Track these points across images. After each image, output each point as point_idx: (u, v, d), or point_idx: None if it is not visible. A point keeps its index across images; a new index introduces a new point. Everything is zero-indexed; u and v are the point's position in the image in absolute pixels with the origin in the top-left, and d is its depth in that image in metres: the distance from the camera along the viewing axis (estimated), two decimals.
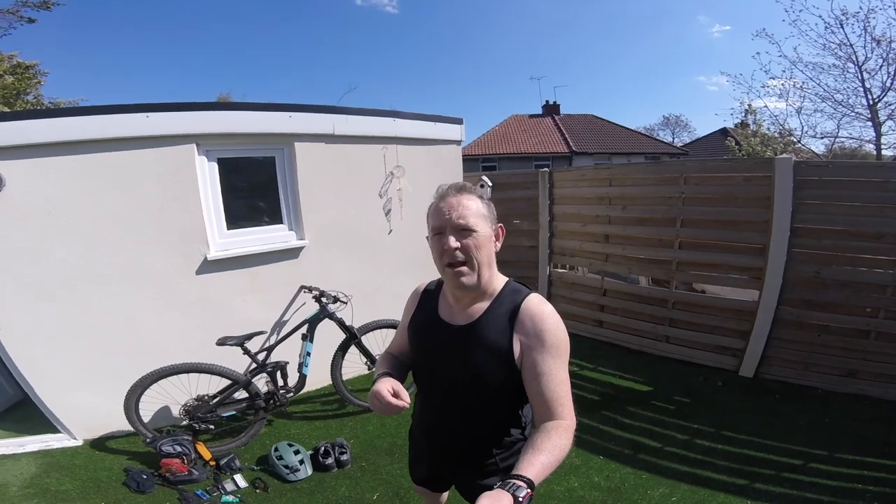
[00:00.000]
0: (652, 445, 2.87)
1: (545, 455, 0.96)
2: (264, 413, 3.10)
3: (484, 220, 1.15)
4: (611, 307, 4.60)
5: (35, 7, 10.16)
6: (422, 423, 1.40)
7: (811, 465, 2.61)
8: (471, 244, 1.12)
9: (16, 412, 3.53)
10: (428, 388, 1.33)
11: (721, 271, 3.91)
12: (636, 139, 23.41)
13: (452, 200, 1.14)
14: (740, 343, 3.77)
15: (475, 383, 1.16)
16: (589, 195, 4.66)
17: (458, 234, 1.12)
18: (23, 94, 11.59)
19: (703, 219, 3.92)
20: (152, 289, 3.16)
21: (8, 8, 9.95)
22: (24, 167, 2.73)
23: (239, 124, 3.32)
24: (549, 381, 1.07)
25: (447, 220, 1.12)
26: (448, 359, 1.21)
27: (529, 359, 1.10)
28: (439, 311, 1.27)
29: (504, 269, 1.24)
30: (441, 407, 1.29)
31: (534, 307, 1.14)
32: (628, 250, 4.38)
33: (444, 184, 1.21)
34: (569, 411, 1.08)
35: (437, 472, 1.44)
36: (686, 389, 3.58)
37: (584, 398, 3.55)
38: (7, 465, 2.87)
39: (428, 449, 1.40)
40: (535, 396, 1.09)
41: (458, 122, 4.44)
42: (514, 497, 0.85)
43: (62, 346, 2.95)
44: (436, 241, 1.16)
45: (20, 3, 9.99)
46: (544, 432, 1.02)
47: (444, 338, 1.22)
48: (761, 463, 2.64)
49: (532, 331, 1.11)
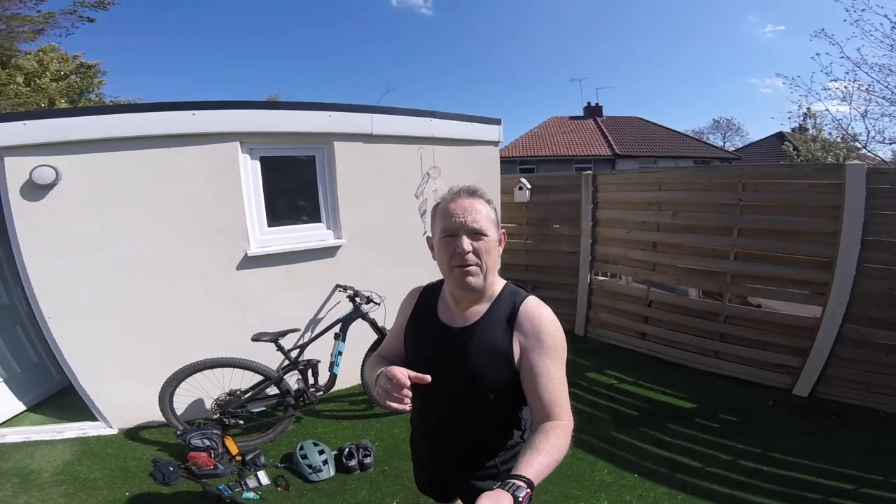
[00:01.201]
0: (691, 465, 2.71)
1: (544, 455, 0.96)
2: (293, 410, 3.11)
3: (493, 225, 1.16)
4: (655, 319, 4.35)
5: (92, 7, 10.81)
6: (421, 425, 1.39)
7: (863, 490, 2.42)
8: (482, 248, 1.12)
9: (60, 399, 3.73)
10: (427, 390, 1.26)
11: (780, 285, 3.64)
12: (684, 142, 22.37)
13: (466, 203, 1.14)
14: (796, 360, 3.51)
15: (475, 385, 1.17)
16: (636, 200, 4.42)
17: (471, 237, 1.12)
18: (86, 93, 12.41)
19: (762, 228, 3.65)
20: (194, 283, 3.24)
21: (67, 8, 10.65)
22: (78, 162, 2.87)
23: (280, 123, 3.36)
24: (547, 382, 1.08)
25: (461, 224, 1.12)
26: (448, 361, 1.20)
27: (528, 360, 1.11)
28: (438, 314, 1.26)
29: (541, 274, 1.16)
30: (441, 409, 1.28)
31: (532, 309, 1.16)
32: (678, 260, 4.13)
33: (454, 185, 1.20)
34: (566, 412, 1.08)
35: (438, 474, 1.42)
36: (732, 407, 3.37)
37: (620, 412, 3.39)
38: (44, 450, 3.00)
39: (428, 451, 1.40)
40: (533, 397, 1.10)
41: (496, 123, 4.34)
42: (513, 497, 0.84)
43: (107, 337, 3.07)
44: (446, 243, 1.14)
45: (78, 2, 10.66)
46: (543, 433, 1.02)
47: (443, 340, 1.22)
48: (809, 486, 2.47)
49: (531, 332, 1.13)
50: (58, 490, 2.59)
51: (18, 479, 2.69)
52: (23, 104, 9.87)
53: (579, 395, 3.64)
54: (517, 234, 5.19)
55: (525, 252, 5.20)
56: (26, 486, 2.62)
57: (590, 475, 2.64)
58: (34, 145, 2.77)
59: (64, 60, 11.86)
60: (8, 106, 9.54)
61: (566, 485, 2.55)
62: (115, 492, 2.57)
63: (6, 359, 3.52)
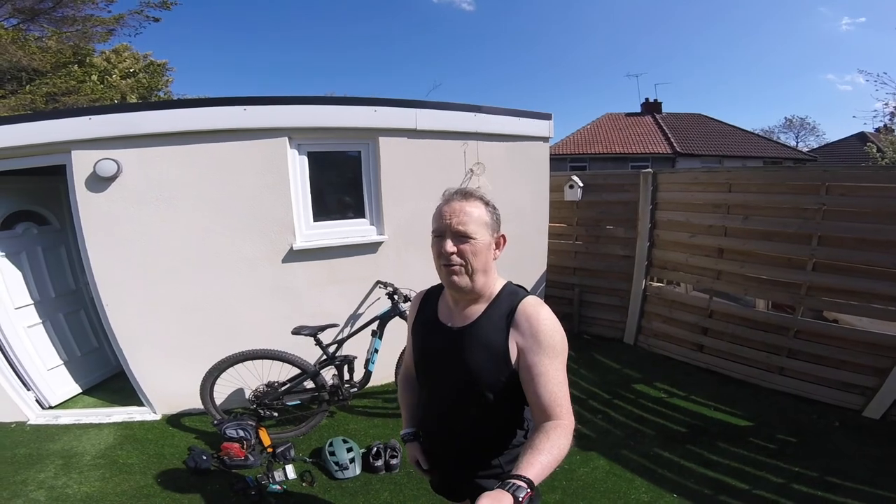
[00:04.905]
0: (739, 487, 2.50)
1: (545, 455, 0.96)
2: (327, 405, 3.12)
3: (485, 227, 1.16)
4: (715, 331, 4.00)
5: (156, 7, 11.51)
6: (425, 425, 1.41)
7: None
8: (467, 250, 1.14)
9: (114, 383, 3.95)
10: (429, 389, 1.35)
11: (862, 299, 3.28)
12: (753, 141, 20.73)
13: (455, 206, 1.16)
14: (873, 381, 3.16)
15: (473, 384, 1.18)
16: (701, 201, 4.07)
17: (456, 239, 1.14)
18: (155, 91, 13.29)
19: (847, 237, 3.27)
20: (240, 275, 3.31)
21: (134, 9, 11.45)
22: (137, 156, 3.00)
23: (327, 118, 3.37)
24: (546, 383, 1.08)
25: (447, 225, 1.15)
26: (446, 360, 1.23)
27: (526, 360, 1.11)
28: (439, 314, 1.30)
29: (591, 278, 1.03)
30: (441, 408, 1.31)
31: (529, 308, 1.15)
32: (747, 268, 3.76)
33: (450, 187, 1.25)
34: (567, 412, 1.07)
35: (444, 474, 1.43)
36: (793, 428, 3.08)
37: (667, 428, 3.15)
38: (91, 433, 3.16)
39: (432, 450, 1.42)
40: (533, 397, 1.10)
41: (546, 118, 4.13)
42: (514, 497, 0.85)
43: (156, 324, 3.20)
44: (435, 243, 1.19)
45: (144, 3, 11.40)
46: (543, 432, 1.02)
47: (442, 339, 1.25)
48: None
49: (528, 332, 1.12)
50: (95, 473, 2.71)
51: (62, 460, 2.84)
52: (98, 100, 10.69)
53: (622, 408, 3.42)
54: (566, 235, 4.96)
55: (574, 254, 4.94)
56: (67, 469, 2.76)
57: (625, 493, 2.47)
58: (98, 139, 2.92)
59: (135, 59, 12.74)
60: (85, 101, 10.39)
61: (599, 502, 2.40)
62: (147, 477, 2.67)
63: (68, 342, 3.78)
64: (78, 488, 2.57)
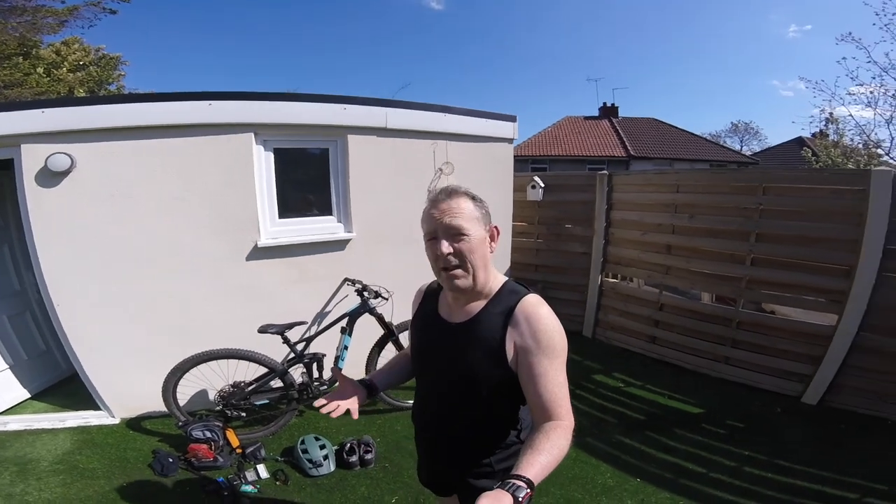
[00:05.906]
0: (696, 471, 2.70)
1: (544, 455, 0.96)
2: (296, 404, 3.10)
3: (477, 222, 1.15)
4: (666, 323, 4.27)
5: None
6: (419, 418, 1.41)
7: (867, 499, 2.42)
8: (464, 248, 1.12)
9: (64, 387, 3.74)
10: (426, 385, 1.35)
11: (796, 292, 3.60)
12: (701, 145, 21.99)
13: (443, 205, 1.14)
14: (809, 369, 3.46)
15: (469, 381, 1.18)
16: (652, 202, 4.34)
17: (450, 238, 1.13)
18: (105, 84, 12.58)
19: (782, 234, 3.58)
20: (202, 273, 3.23)
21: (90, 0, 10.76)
22: (93, 150, 2.87)
23: (295, 115, 3.34)
24: (546, 383, 1.07)
25: (439, 223, 1.13)
26: (444, 356, 1.23)
27: (526, 360, 1.10)
28: (439, 310, 1.29)
29: (552, 274, 1.12)
30: (437, 404, 1.30)
31: (529, 308, 1.13)
32: (693, 263, 4.05)
33: (433, 188, 1.19)
34: (567, 412, 1.08)
35: (434, 469, 1.43)
36: (741, 414, 3.34)
37: (627, 416, 3.36)
38: (45, 439, 3.01)
39: (425, 446, 1.43)
40: (532, 398, 1.09)
41: (510, 120, 4.27)
42: (513, 497, 0.84)
43: (113, 325, 3.08)
44: (430, 246, 1.16)
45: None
46: (543, 433, 1.02)
47: (440, 335, 1.25)
48: (813, 495, 2.46)
49: (527, 332, 1.11)
50: (55, 479, 2.59)
51: (17, 467, 2.69)
52: (43, 93, 10.05)
53: (585, 398, 3.60)
54: (528, 234, 5.13)
55: (536, 251, 5.14)
56: (24, 475, 2.62)
57: (592, 478, 2.61)
58: (51, 133, 2.79)
59: (85, 52, 12.02)
60: (30, 94, 9.75)
61: (568, 487, 2.53)
62: (112, 482, 2.58)
63: (13, 345, 3.55)
64: (38, 495, 2.46)
